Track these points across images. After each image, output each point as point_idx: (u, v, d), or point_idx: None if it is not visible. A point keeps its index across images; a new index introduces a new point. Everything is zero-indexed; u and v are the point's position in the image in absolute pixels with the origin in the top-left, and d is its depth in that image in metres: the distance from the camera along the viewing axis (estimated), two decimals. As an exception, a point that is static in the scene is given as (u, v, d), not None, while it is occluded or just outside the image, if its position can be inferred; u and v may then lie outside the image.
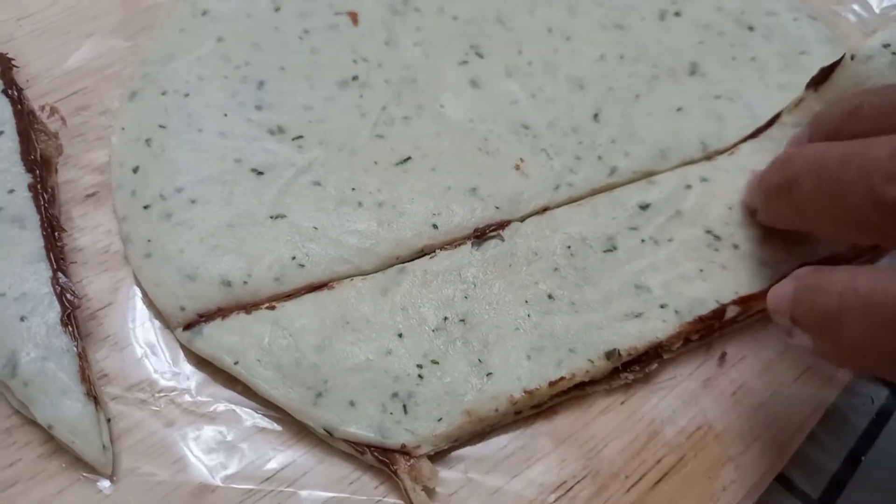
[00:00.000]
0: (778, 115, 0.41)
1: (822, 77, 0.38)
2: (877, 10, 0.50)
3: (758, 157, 0.40)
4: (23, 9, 0.46)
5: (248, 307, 0.36)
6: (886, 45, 0.35)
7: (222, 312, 0.36)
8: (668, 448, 0.34)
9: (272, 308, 0.36)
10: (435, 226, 0.38)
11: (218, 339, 0.35)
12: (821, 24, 0.48)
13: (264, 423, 0.34)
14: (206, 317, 0.36)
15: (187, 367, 0.35)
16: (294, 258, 0.37)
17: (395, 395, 0.34)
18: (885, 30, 0.36)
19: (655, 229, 0.39)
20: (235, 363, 0.34)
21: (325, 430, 0.33)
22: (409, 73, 0.44)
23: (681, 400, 0.35)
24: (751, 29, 0.47)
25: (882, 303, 0.26)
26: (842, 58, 0.37)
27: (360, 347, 0.35)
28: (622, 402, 0.35)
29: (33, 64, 0.44)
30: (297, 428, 0.34)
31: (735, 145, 0.41)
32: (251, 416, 0.34)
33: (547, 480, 0.33)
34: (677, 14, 0.48)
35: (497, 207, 0.39)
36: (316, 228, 0.38)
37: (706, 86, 0.44)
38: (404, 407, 0.34)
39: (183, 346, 0.36)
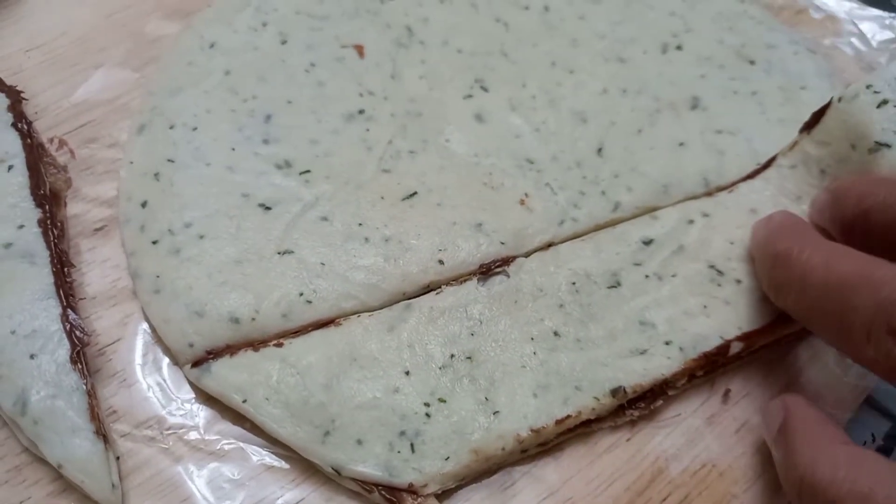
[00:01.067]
0: (774, 158, 0.41)
1: (814, 120, 0.39)
2: (874, 44, 0.51)
3: (755, 197, 0.41)
4: (31, 40, 0.46)
5: (256, 344, 0.36)
6: (869, 87, 0.37)
7: (230, 349, 0.36)
8: (672, 486, 0.34)
9: (280, 345, 0.36)
10: (441, 261, 0.39)
11: (226, 376, 0.35)
12: (820, 58, 0.49)
13: (272, 461, 0.34)
14: (214, 354, 0.36)
15: (195, 404, 0.36)
16: (301, 294, 0.37)
17: (402, 433, 0.34)
18: (871, 73, 0.37)
19: (659, 265, 0.39)
20: (244, 401, 0.35)
21: (332, 468, 0.34)
22: (415, 106, 0.44)
23: (685, 437, 0.35)
24: (752, 63, 0.48)
25: None
26: (830, 101, 0.38)
27: (368, 385, 0.35)
28: (627, 440, 0.35)
29: (41, 96, 0.44)
30: (304, 466, 0.34)
31: (734, 184, 0.42)
32: (259, 454, 0.35)
33: (553, 518, 0.34)
34: (679, 48, 0.48)
35: (502, 243, 0.40)
36: (323, 264, 0.38)
37: (707, 120, 0.45)
38: (412, 445, 0.34)
39: (191, 383, 0.36)
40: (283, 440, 0.34)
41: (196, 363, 0.36)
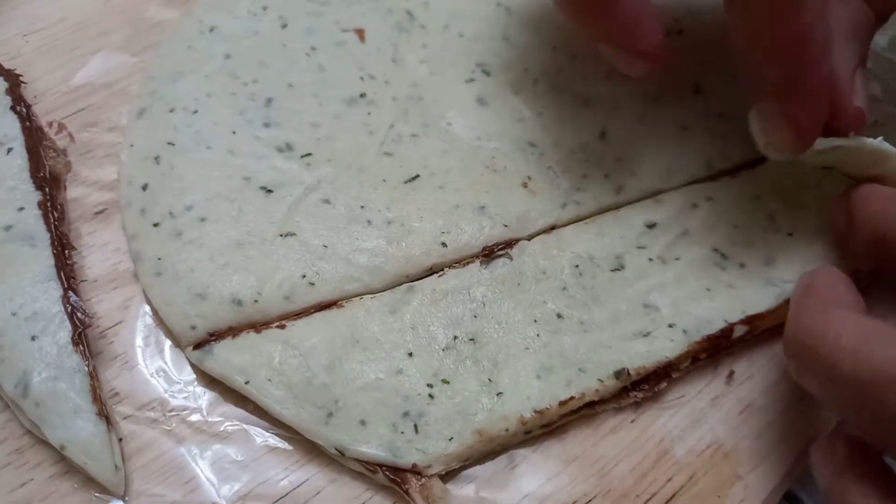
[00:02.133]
0: None
1: None
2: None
3: (759, 182, 0.41)
4: (29, 24, 0.46)
5: (259, 326, 0.36)
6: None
7: (232, 331, 0.36)
8: (677, 467, 0.34)
9: (282, 327, 0.36)
10: (444, 244, 0.39)
11: (228, 358, 0.35)
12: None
13: (275, 442, 0.34)
14: (216, 336, 0.36)
15: (198, 386, 0.35)
16: (304, 276, 0.37)
17: (405, 414, 0.34)
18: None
19: (663, 248, 0.39)
20: (246, 383, 0.35)
21: (336, 449, 0.33)
22: (416, 90, 0.44)
23: (689, 419, 0.35)
24: (753, 48, 0.47)
25: None
26: None
27: (371, 367, 0.35)
28: (632, 421, 0.35)
29: (40, 80, 0.44)
30: (308, 447, 0.34)
31: (737, 169, 0.42)
32: (262, 436, 0.34)
33: (558, 500, 0.33)
34: (680, 32, 0.48)
35: (505, 225, 0.39)
36: (326, 247, 0.38)
37: (709, 105, 0.45)
38: (415, 426, 0.34)
39: (193, 365, 0.36)
40: (287, 421, 0.34)
41: (198, 345, 0.36)
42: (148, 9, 0.47)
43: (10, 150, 0.39)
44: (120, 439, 0.33)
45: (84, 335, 0.34)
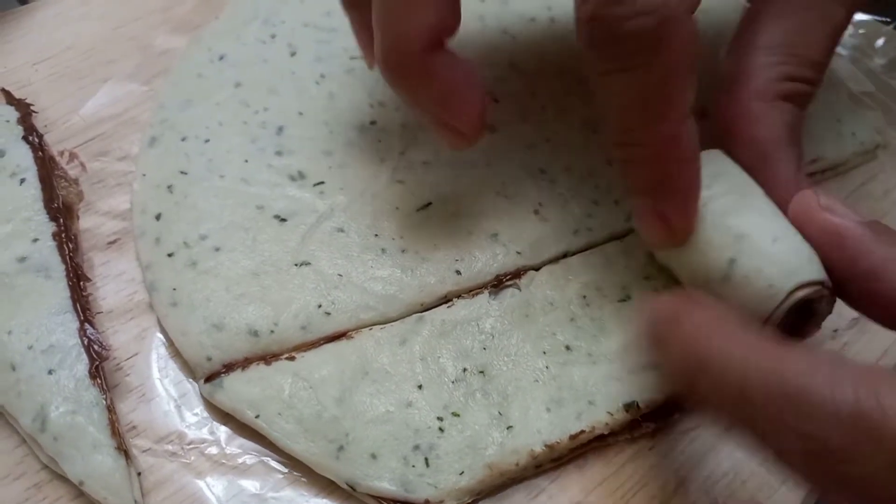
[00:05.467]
0: None
1: None
2: (875, 48, 0.52)
3: None
4: (38, 53, 0.46)
5: (269, 358, 0.36)
6: None
7: (242, 363, 0.36)
8: (697, 494, 0.34)
9: (292, 358, 0.36)
10: (458, 272, 0.39)
11: (239, 391, 0.35)
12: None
13: (295, 474, 0.34)
14: (227, 368, 0.36)
15: (216, 418, 0.35)
16: (320, 306, 0.37)
17: (416, 447, 0.34)
18: None
19: (667, 279, 0.39)
20: (257, 417, 0.34)
21: (348, 484, 0.33)
22: (426, 117, 0.44)
23: (707, 445, 0.36)
24: (756, 73, 0.48)
25: None
26: None
27: (381, 399, 0.35)
28: (650, 448, 0.35)
29: (50, 109, 0.44)
30: (326, 480, 0.34)
31: None
32: (281, 468, 0.34)
33: (578, 528, 0.34)
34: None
35: (518, 252, 0.40)
36: (341, 276, 0.38)
37: (714, 128, 0.45)
38: (426, 460, 0.34)
39: (205, 398, 0.35)
40: (297, 456, 0.34)
41: (208, 378, 0.35)
42: (156, 36, 0.48)
43: (23, 180, 0.39)
44: (139, 473, 0.33)
45: (101, 368, 0.34)
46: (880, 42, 0.52)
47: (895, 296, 0.29)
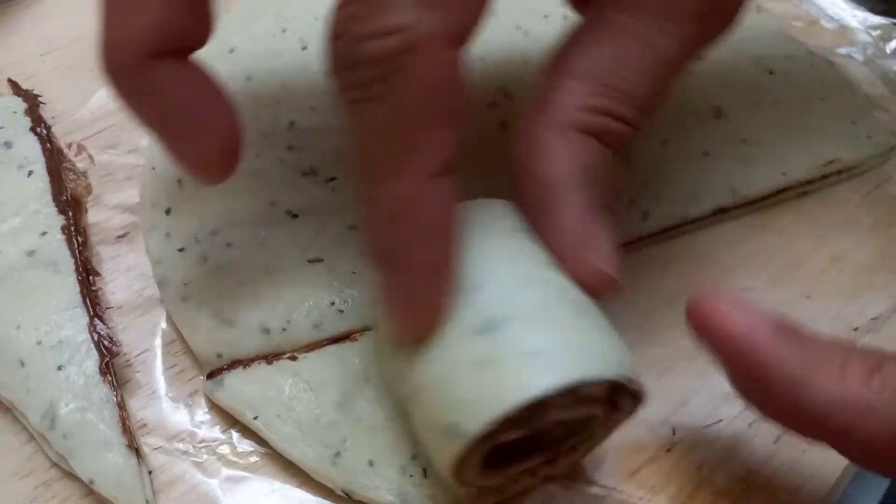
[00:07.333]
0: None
1: None
2: (888, 51, 0.52)
3: None
4: (46, 44, 0.45)
5: (270, 357, 0.35)
6: None
7: (244, 362, 0.35)
8: (716, 496, 0.34)
9: (294, 358, 0.35)
10: (472, 270, 0.38)
11: (239, 390, 0.34)
12: (836, 68, 0.49)
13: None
14: (229, 366, 0.35)
15: (227, 417, 0.35)
16: (333, 304, 0.37)
17: (414, 457, 0.33)
18: None
19: None
20: (255, 418, 0.33)
21: (344, 492, 0.32)
22: (439, 113, 0.44)
23: (726, 446, 0.35)
24: (771, 73, 0.48)
25: None
26: None
27: (381, 406, 0.34)
28: (668, 450, 0.35)
29: (58, 101, 0.43)
30: (339, 480, 0.33)
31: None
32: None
33: (595, 532, 0.33)
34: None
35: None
36: (354, 273, 0.38)
37: (731, 130, 0.45)
38: (424, 470, 0.33)
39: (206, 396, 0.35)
40: (293, 460, 0.33)
41: (210, 374, 0.35)
42: (165, 28, 0.47)
43: (30, 172, 0.38)
44: (150, 472, 0.33)
45: (111, 364, 0.34)
46: (894, 44, 0.52)
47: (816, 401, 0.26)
